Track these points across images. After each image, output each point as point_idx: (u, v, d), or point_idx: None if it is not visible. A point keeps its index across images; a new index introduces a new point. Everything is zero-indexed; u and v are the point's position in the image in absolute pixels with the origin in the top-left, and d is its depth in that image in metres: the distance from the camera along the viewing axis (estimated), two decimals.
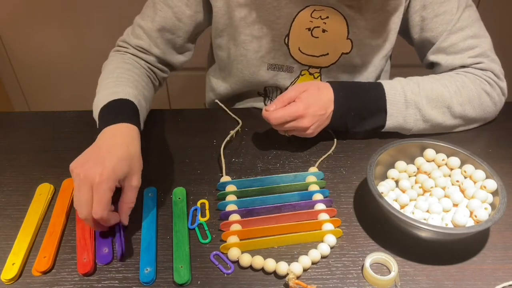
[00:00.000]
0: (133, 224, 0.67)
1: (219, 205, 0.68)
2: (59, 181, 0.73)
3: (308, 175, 0.72)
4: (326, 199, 0.68)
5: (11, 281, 0.59)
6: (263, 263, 0.60)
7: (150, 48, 0.85)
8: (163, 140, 0.83)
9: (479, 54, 0.80)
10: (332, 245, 0.62)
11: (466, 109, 0.78)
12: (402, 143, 0.70)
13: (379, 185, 0.66)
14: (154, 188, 0.72)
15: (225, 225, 0.65)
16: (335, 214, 0.66)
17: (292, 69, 0.85)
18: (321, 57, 0.83)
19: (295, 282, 0.56)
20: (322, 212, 0.66)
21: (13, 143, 0.83)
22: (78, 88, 1.74)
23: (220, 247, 0.62)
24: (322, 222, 0.64)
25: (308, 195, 0.69)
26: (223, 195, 0.69)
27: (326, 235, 0.63)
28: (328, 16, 0.79)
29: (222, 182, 0.71)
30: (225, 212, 0.66)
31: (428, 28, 0.81)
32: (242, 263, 0.60)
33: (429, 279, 0.59)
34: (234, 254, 0.61)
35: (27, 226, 0.66)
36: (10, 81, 1.75)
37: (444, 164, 0.70)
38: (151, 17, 0.83)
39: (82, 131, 0.85)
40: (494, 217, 0.58)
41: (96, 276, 0.60)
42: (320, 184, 0.71)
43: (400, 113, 0.76)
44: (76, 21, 1.58)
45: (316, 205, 0.67)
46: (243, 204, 0.68)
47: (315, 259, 0.60)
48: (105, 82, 0.77)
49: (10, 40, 1.63)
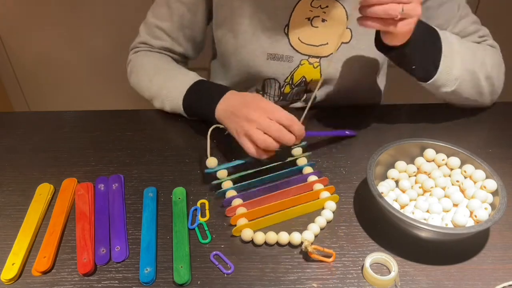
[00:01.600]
0: (133, 224, 0.67)
1: (219, 193, 0.70)
2: (59, 181, 0.73)
3: (292, 149, 0.75)
4: (316, 171, 0.73)
5: (11, 281, 0.59)
6: (277, 238, 0.63)
7: (173, 47, 0.89)
8: (163, 140, 0.83)
9: (484, 35, 0.85)
10: (333, 209, 0.68)
11: (493, 73, 0.81)
12: (402, 143, 0.70)
13: (379, 185, 0.66)
14: (154, 188, 0.72)
15: (230, 210, 0.68)
16: (328, 183, 0.72)
17: (291, 58, 0.85)
18: (320, 47, 0.84)
19: (313, 247, 0.60)
20: (316, 182, 0.71)
21: (13, 143, 0.83)
22: (78, 88, 1.74)
23: (232, 231, 0.64)
24: (319, 191, 0.70)
25: (299, 169, 0.74)
26: (219, 184, 0.72)
27: (326, 202, 0.68)
28: (328, 6, 0.80)
29: (209, 169, 0.72)
30: (227, 199, 0.69)
31: (434, 17, 0.82)
32: (257, 241, 0.63)
33: (429, 279, 0.59)
34: (247, 235, 0.63)
35: (27, 226, 0.66)
36: (10, 81, 1.75)
37: (444, 164, 0.70)
38: (168, 17, 0.86)
39: (82, 131, 0.85)
40: (494, 217, 0.58)
41: (96, 276, 0.60)
42: (307, 158, 0.75)
43: (452, 55, 0.75)
44: (76, 21, 1.57)
45: (309, 177, 0.72)
46: (241, 188, 0.71)
47: (322, 225, 0.65)
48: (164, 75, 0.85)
49: (10, 40, 1.63)
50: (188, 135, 0.84)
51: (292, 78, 0.87)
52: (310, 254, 0.60)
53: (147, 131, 0.85)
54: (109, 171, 0.76)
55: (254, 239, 0.63)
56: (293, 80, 0.87)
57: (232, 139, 0.73)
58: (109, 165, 0.77)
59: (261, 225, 0.66)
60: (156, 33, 0.88)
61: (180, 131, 0.86)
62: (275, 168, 0.73)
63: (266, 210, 0.67)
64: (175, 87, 0.82)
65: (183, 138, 0.84)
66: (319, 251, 0.61)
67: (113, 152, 0.80)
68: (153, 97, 0.86)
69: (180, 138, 0.84)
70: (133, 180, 0.74)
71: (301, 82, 0.87)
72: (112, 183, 0.72)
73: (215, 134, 0.75)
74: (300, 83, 0.88)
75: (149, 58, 0.89)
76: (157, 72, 0.86)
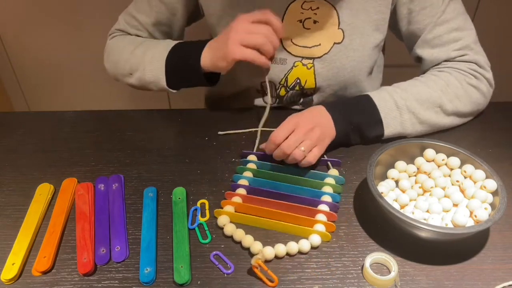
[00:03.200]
0: (133, 224, 0.67)
1: (234, 177, 0.72)
2: (59, 181, 0.73)
3: (328, 177, 0.72)
4: (332, 203, 0.67)
5: (11, 281, 0.59)
6: (242, 237, 0.63)
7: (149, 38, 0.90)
8: (163, 140, 0.83)
9: (464, 47, 0.81)
10: (314, 245, 0.62)
11: (457, 105, 0.79)
12: (402, 143, 0.70)
13: (379, 185, 0.66)
14: (154, 188, 0.72)
15: (229, 195, 0.69)
16: (335, 220, 0.66)
17: (285, 61, 0.85)
18: (313, 48, 0.84)
19: (259, 262, 0.57)
20: (322, 213, 0.66)
21: (13, 143, 0.83)
22: (78, 88, 1.74)
23: (214, 211, 0.65)
24: (316, 221, 0.64)
25: (318, 194, 0.69)
26: (242, 170, 0.73)
27: (312, 234, 0.63)
28: (319, 7, 0.80)
29: (247, 159, 0.75)
30: (235, 184, 0.70)
31: (415, 21, 0.82)
32: (226, 232, 0.64)
33: (429, 279, 0.59)
34: (222, 221, 0.65)
35: (27, 226, 0.66)
36: (10, 81, 1.75)
37: (444, 164, 0.70)
38: (147, 12, 0.87)
39: (82, 131, 0.85)
40: (494, 217, 0.58)
41: (96, 276, 0.60)
42: (335, 189, 0.70)
43: (395, 120, 0.77)
44: (76, 21, 1.57)
45: (320, 205, 0.67)
46: (254, 183, 0.71)
47: (291, 251, 0.61)
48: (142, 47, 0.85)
49: (10, 40, 1.63)
50: (188, 135, 0.84)
51: (287, 80, 0.87)
52: (252, 267, 0.58)
53: (147, 131, 0.85)
54: (109, 171, 0.76)
55: (224, 228, 0.64)
56: (287, 82, 0.87)
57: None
58: (109, 165, 0.77)
59: (240, 220, 0.66)
60: (133, 23, 0.89)
61: (180, 131, 0.86)
62: (299, 181, 0.71)
63: (256, 210, 0.67)
64: (158, 52, 0.83)
65: (183, 138, 0.84)
66: (262, 270, 0.58)
67: (113, 152, 0.80)
68: (133, 69, 0.85)
69: (180, 138, 0.84)
70: (133, 180, 0.74)
71: (295, 84, 0.87)
72: (112, 183, 0.72)
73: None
74: (295, 85, 0.88)
75: (128, 37, 0.90)
76: (138, 46, 0.86)
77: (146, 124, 0.87)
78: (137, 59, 0.84)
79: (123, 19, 0.91)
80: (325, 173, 0.73)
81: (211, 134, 0.83)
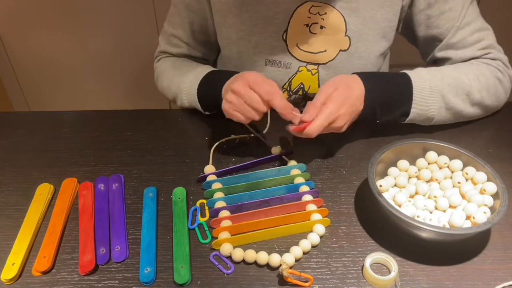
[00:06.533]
0: (133, 224, 0.67)
1: (208, 203, 0.69)
2: (59, 181, 0.73)
3: (292, 168, 0.73)
4: (312, 190, 0.70)
5: (11, 281, 0.59)
6: (255, 257, 0.60)
7: (191, 53, 0.92)
8: (163, 140, 0.83)
9: (487, 46, 0.82)
10: (321, 234, 0.63)
11: (484, 96, 0.79)
12: (404, 143, 0.70)
13: (379, 183, 0.66)
14: (154, 188, 0.72)
15: (215, 222, 0.65)
16: (322, 204, 0.68)
17: (290, 65, 0.85)
18: (319, 54, 0.83)
19: (289, 271, 0.57)
20: (310, 203, 0.67)
21: (13, 143, 0.83)
22: (78, 88, 1.74)
23: (212, 244, 0.63)
24: (310, 212, 0.66)
25: (294, 187, 0.70)
26: (210, 193, 0.70)
27: (315, 225, 0.64)
28: (326, 13, 0.80)
29: (208, 181, 0.72)
30: (215, 209, 0.67)
31: (434, 26, 0.81)
32: (235, 258, 0.61)
33: (429, 279, 0.59)
34: (226, 250, 0.61)
35: (27, 226, 0.66)
36: (10, 81, 1.75)
37: (446, 167, 0.70)
38: (181, 25, 0.88)
39: (82, 131, 0.85)
40: (493, 219, 0.58)
41: (96, 276, 0.60)
42: (304, 177, 0.72)
43: (425, 100, 0.76)
44: (76, 21, 1.58)
45: (303, 196, 0.68)
46: (231, 201, 0.69)
47: (305, 248, 0.62)
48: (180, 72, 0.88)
49: (10, 40, 1.63)
50: (188, 135, 0.84)
51: (290, 84, 0.87)
52: (285, 279, 0.57)
53: (147, 131, 0.85)
54: (109, 171, 0.76)
55: (232, 255, 0.61)
56: (291, 86, 0.87)
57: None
58: (109, 165, 0.77)
59: (243, 241, 0.63)
60: (173, 41, 0.91)
61: (180, 131, 0.86)
62: (270, 183, 0.71)
63: (251, 226, 0.64)
64: (190, 80, 0.84)
65: (183, 138, 0.84)
66: (295, 276, 0.58)
67: (113, 152, 0.80)
68: (175, 95, 0.88)
69: (180, 138, 0.84)
70: (133, 180, 0.74)
71: (299, 89, 0.87)
72: (112, 183, 0.72)
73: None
74: (298, 90, 0.88)
75: (169, 62, 0.92)
76: (176, 72, 0.88)
77: (146, 124, 0.87)
78: (176, 88, 0.87)
79: (163, 41, 0.93)
80: (288, 166, 0.74)
81: (211, 134, 0.83)
